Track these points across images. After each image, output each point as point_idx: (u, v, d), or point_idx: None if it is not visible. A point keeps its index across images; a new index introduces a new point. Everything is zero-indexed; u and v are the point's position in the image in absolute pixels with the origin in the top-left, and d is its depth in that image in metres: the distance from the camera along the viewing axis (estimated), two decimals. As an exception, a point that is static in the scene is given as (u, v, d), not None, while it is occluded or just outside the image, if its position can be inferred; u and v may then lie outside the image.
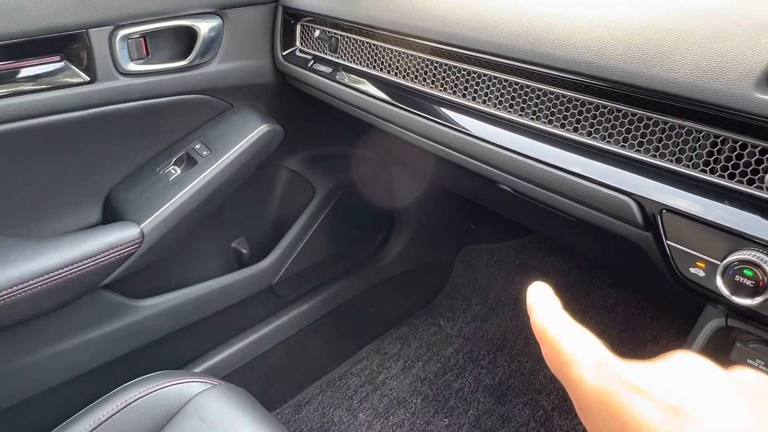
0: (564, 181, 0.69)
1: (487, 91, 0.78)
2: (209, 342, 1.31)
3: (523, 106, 0.74)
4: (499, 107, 0.77)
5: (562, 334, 0.29)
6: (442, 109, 0.85)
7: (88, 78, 0.95)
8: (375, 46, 0.95)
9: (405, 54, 0.90)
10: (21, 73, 0.90)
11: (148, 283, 1.14)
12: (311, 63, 1.09)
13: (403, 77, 0.91)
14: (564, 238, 1.33)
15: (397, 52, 0.91)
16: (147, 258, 1.03)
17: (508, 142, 0.75)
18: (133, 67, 0.99)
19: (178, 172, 1.07)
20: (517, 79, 0.74)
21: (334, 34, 1.04)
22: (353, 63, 1.01)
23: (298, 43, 1.14)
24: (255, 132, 1.10)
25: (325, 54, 1.07)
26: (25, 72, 0.90)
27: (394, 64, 0.92)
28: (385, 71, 0.94)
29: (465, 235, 1.86)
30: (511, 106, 0.75)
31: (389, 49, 0.93)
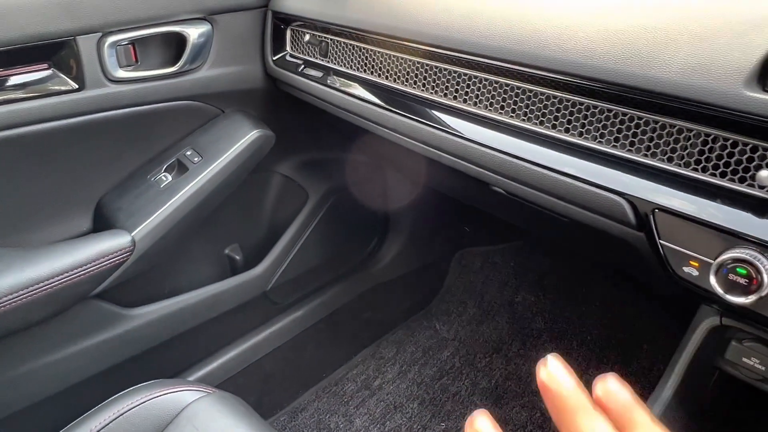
0: (556, 182, 0.69)
1: (478, 93, 0.78)
2: (203, 350, 1.30)
3: (514, 108, 0.74)
4: (490, 109, 0.77)
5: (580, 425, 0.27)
6: (434, 111, 0.85)
7: (76, 85, 0.94)
8: (365, 49, 0.95)
9: (395, 57, 0.90)
10: (9, 81, 0.89)
11: (141, 292, 1.13)
12: (302, 67, 1.09)
13: (394, 80, 0.91)
14: (558, 239, 1.33)
15: (388, 56, 0.91)
16: (139, 266, 1.02)
17: (500, 144, 0.75)
18: (122, 73, 0.98)
19: (170, 179, 1.07)
20: (508, 81, 0.74)
21: (324, 38, 1.04)
22: (344, 67, 1.00)
23: (288, 48, 1.13)
24: (246, 138, 1.09)
25: (316, 58, 1.07)
26: (13, 80, 0.90)
27: (384, 67, 0.92)
28: (375, 75, 0.94)
29: (460, 238, 1.85)
30: (502, 108, 0.75)
31: (379, 53, 0.92)
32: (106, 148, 1.04)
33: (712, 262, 0.56)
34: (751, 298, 0.53)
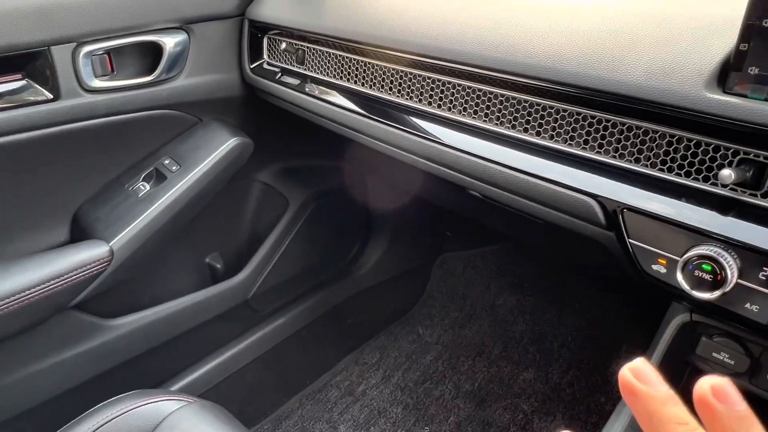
0: (528, 185, 0.70)
1: (452, 98, 0.79)
2: (185, 359, 1.29)
3: (487, 112, 0.75)
4: (464, 114, 0.78)
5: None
6: (409, 117, 0.86)
7: (51, 96, 0.93)
8: (341, 57, 0.96)
9: (371, 64, 0.91)
10: (-18, 92, 0.89)
11: (120, 302, 1.12)
12: (279, 75, 1.10)
13: (369, 87, 0.92)
14: (535, 241, 1.35)
15: (363, 63, 0.92)
16: (117, 276, 1.01)
17: (474, 148, 0.76)
18: (98, 83, 0.98)
19: (148, 188, 1.06)
20: (481, 86, 0.75)
21: (301, 46, 1.05)
22: (321, 74, 1.01)
23: (265, 56, 1.14)
24: (224, 146, 1.09)
25: (293, 66, 1.08)
26: (-14, 91, 0.89)
27: (360, 74, 0.93)
28: (352, 81, 0.95)
29: (441, 242, 1.86)
30: (476, 113, 0.76)
31: (355, 60, 0.93)
32: (83, 158, 1.04)
33: (678, 259, 0.58)
34: (716, 293, 0.55)
